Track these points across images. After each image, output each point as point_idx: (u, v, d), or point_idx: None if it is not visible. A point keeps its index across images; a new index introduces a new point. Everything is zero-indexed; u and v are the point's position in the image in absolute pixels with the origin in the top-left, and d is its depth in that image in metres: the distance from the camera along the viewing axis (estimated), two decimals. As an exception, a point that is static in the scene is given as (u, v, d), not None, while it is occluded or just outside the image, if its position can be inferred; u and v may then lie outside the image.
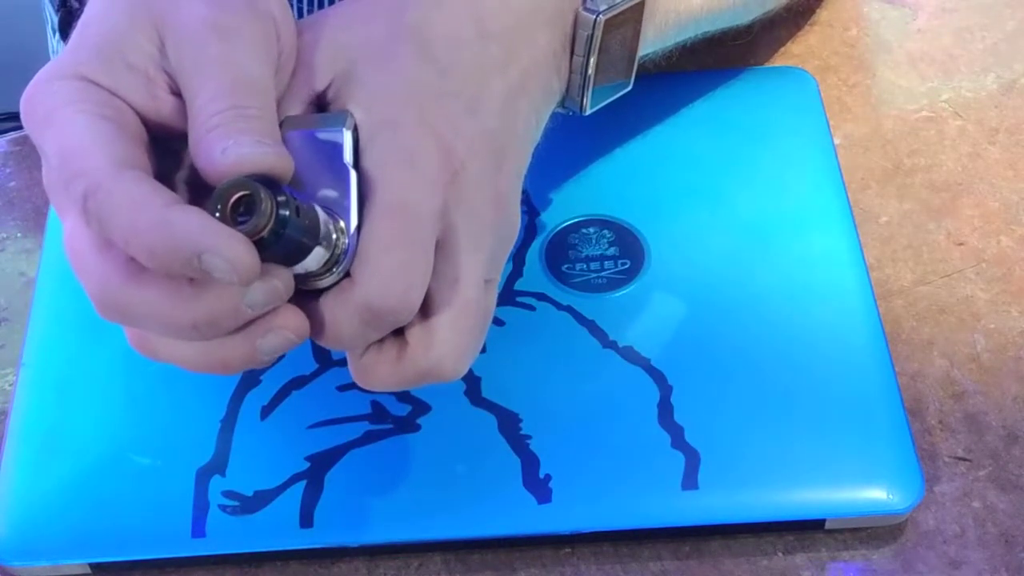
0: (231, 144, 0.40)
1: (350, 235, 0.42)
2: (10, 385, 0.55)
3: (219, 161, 0.40)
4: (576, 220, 0.57)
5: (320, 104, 0.46)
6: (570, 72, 0.50)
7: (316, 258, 0.41)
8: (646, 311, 0.54)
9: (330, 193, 0.42)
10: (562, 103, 0.51)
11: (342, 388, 0.52)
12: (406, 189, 0.43)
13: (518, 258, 0.55)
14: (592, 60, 0.49)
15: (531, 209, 0.57)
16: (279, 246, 0.40)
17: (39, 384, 0.53)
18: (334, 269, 0.42)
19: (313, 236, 0.41)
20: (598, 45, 0.49)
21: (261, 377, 0.52)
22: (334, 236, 0.42)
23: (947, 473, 0.51)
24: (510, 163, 0.46)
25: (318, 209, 0.41)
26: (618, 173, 0.58)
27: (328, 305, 0.42)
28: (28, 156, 0.64)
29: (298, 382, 0.52)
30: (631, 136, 0.59)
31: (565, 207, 0.57)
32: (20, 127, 0.48)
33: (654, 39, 0.54)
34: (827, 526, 0.49)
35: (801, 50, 0.66)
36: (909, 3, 0.68)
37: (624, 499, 0.49)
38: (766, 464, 0.49)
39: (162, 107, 0.43)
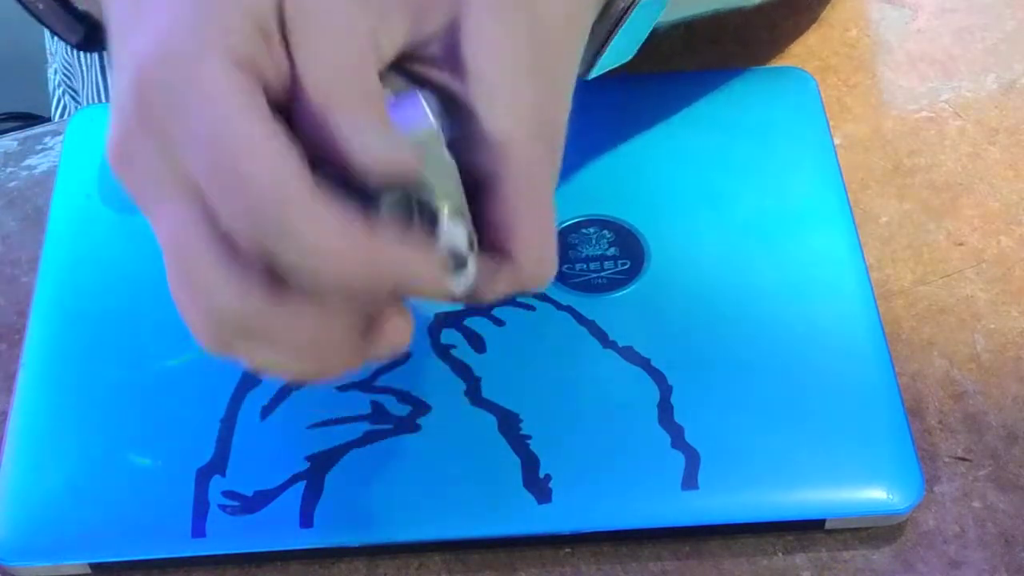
0: (367, 129, 0.36)
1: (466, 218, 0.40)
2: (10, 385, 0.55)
3: (368, 162, 0.36)
4: (576, 220, 0.57)
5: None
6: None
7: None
8: (646, 311, 0.54)
9: None
10: None
11: (342, 388, 0.52)
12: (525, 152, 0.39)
13: (518, 258, 0.55)
14: (620, 27, 0.47)
15: (531, 209, 0.57)
16: None
17: (39, 384, 0.53)
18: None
19: None
20: (633, 9, 0.46)
21: (261, 377, 0.52)
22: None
23: (947, 473, 0.51)
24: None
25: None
26: (618, 173, 0.58)
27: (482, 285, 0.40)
28: (28, 156, 0.64)
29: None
30: (631, 136, 0.59)
31: (565, 207, 0.57)
32: (20, 127, 0.46)
33: (671, 6, 0.52)
34: (827, 526, 0.49)
35: (801, 50, 0.66)
36: (909, 3, 0.68)
37: (624, 499, 0.49)
38: (766, 464, 0.49)
39: (280, 63, 0.36)
